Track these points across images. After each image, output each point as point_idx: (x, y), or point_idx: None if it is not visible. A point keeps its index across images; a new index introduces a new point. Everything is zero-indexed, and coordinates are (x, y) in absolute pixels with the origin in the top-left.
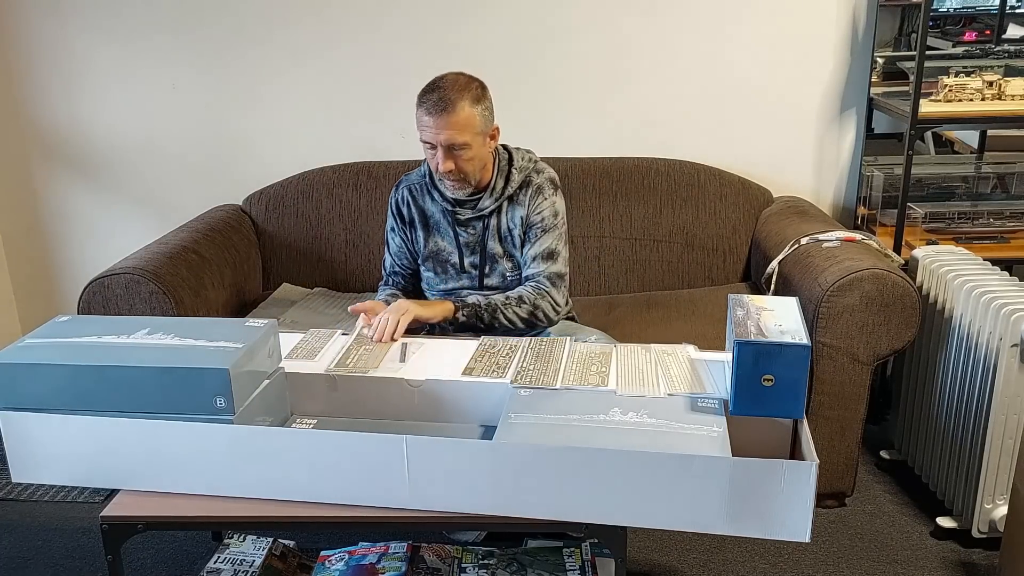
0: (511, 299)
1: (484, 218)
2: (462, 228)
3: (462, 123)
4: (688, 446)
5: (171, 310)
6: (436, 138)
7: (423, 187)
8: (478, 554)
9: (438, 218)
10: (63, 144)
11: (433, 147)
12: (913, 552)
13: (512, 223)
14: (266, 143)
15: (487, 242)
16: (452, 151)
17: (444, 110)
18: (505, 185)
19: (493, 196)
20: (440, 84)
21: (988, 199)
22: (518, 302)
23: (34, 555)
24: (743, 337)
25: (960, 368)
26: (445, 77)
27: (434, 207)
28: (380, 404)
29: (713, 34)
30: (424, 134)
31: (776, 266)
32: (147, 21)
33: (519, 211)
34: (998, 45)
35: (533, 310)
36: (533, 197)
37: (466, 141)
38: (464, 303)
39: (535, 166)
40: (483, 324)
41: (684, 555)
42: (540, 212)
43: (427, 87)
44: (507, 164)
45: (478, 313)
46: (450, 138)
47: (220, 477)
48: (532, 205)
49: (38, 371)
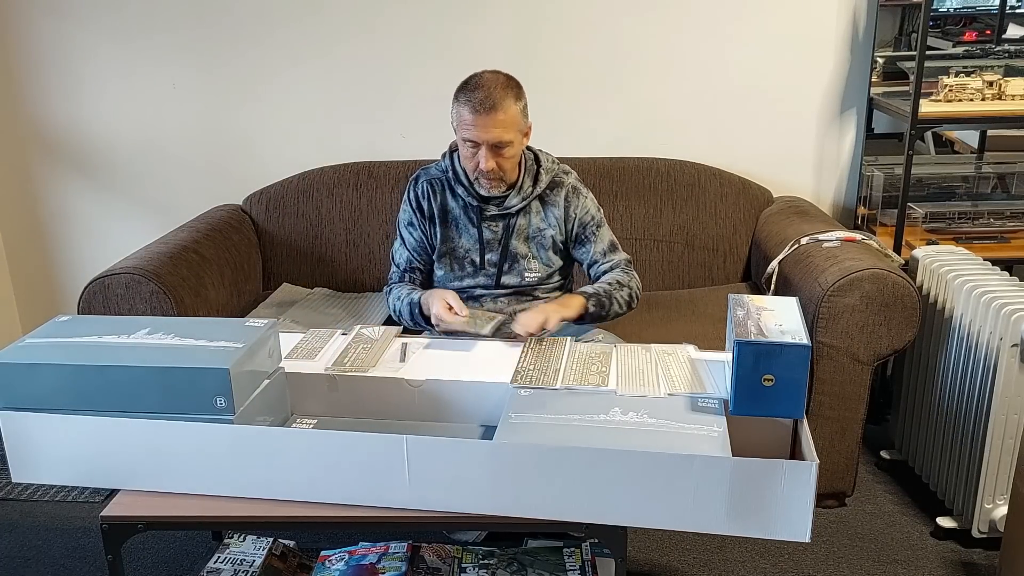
0: (614, 285)
1: (509, 217)
2: (486, 225)
3: (508, 122)
4: (688, 446)
5: (171, 310)
6: (482, 136)
7: (444, 182)
8: (478, 554)
9: (458, 214)
10: (63, 144)
11: (476, 145)
12: (913, 552)
13: (545, 223)
14: (266, 143)
15: (510, 241)
16: (496, 149)
17: (492, 108)
18: (534, 185)
19: (521, 195)
20: (483, 82)
21: (988, 199)
22: (619, 287)
23: (34, 555)
24: (743, 337)
25: (960, 368)
26: (484, 75)
27: (455, 203)
28: (380, 404)
29: (713, 34)
30: (467, 132)
31: (776, 266)
32: (147, 21)
33: (554, 212)
34: (998, 45)
35: (631, 292)
36: (571, 198)
37: (511, 139)
38: (587, 294)
39: (561, 167)
40: (604, 313)
41: (684, 555)
42: (587, 211)
43: (469, 85)
44: (535, 164)
45: (601, 302)
46: (497, 137)
47: (220, 477)
48: (575, 206)
49: (38, 371)
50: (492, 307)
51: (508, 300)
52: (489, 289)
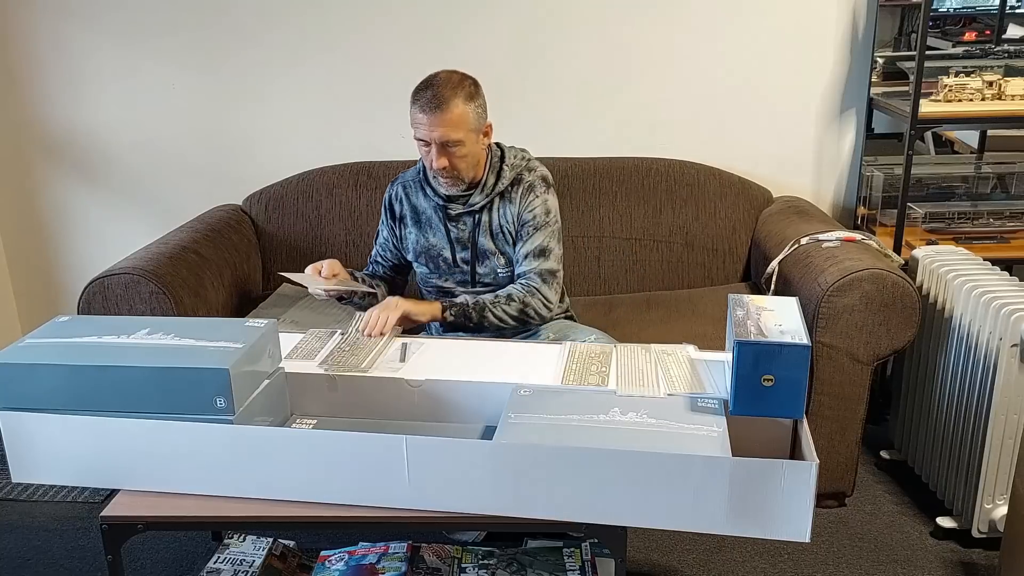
0: (500, 297)
1: (475, 214)
2: (453, 224)
3: (455, 120)
4: (688, 446)
5: (171, 310)
6: (430, 135)
7: (416, 184)
8: (478, 554)
9: (429, 214)
10: (63, 144)
11: (427, 144)
12: (913, 552)
13: (504, 220)
14: (266, 143)
15: (478, 238)
16: (446, 148)
17: (438, 107)
18: (496, 182)
19: (484, 192)
20: (433, 82)
21: (988, 199)
22: (507, 300)
23: (34, 555)
24: (743, 337)
25: (960, 368)
26: (438, 75)
27: (426, 203)
28: (380, 404)
29: (713, 34)
30: (418, 131)
31: (776, 266)
32: (147, 21)
33: (511, 208)
34: (998, 45)
35: (523, 307)
36: (524, 195)
37: (459, 138)
38: (452, 303)
39: (527, 164)
40: (472, 323)
41: (684, 555)
42: (532, 210)
43: (420, 85)
44: (499, 161)
45: (466, 312)
46: (444, 135)
47: (220, 477)
48: (524, 203)
49: (38, 371)
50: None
51: None
52: (466, 286)
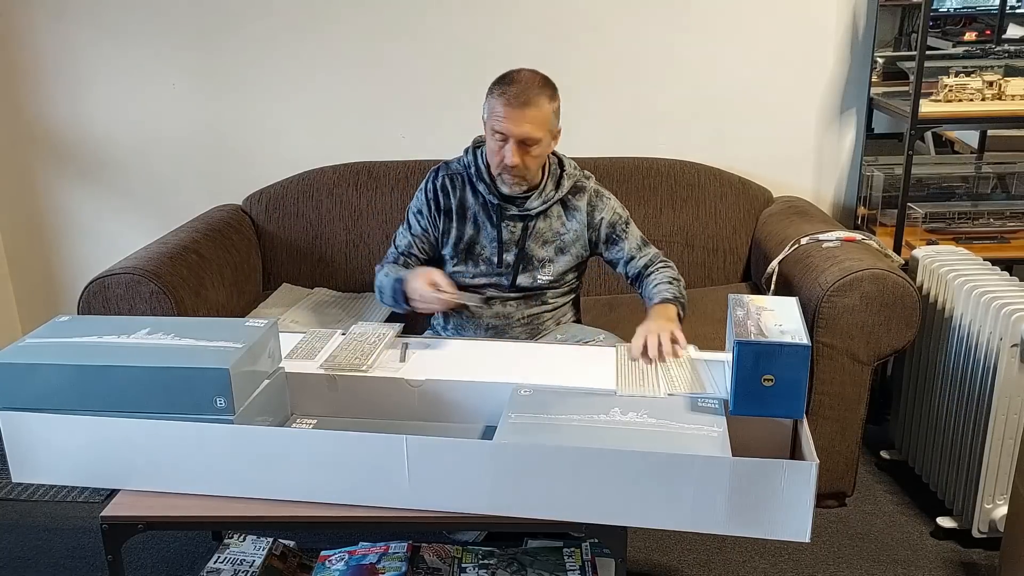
0: (673, 283)
1: (528, 218)
2: (504, 224)
3: (540, 119)
4: (688, 446)
5: (171, 310)
6: (512, 130)
7: (465, 178)
8: (478, 554)
9: (476, 211)
10: (63, 144)
11: (504, 139)
12: (913, 552)
13: (564, 228)
14: (266, 143)
15: (526, 242)
16: (523, 146)
17: (526, 104)
18: (556, 189)
19: (542, 198)
20: (519, 78)
21: (988, 199)
22: (676, 283)
23: (34, 555)
24: (743, 337)
25: (960, 368)
26: (522, 72)
27: (474, 200)
28: (380, 404)
29: (713, 34)
30: (498, 124)
31: (776, 266)
32: (147, 21)
33: (577, 216)
34: (998, 45)
35: (682, 283)
36: (595, 201)
37: (539, 137)
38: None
39: (583, 172)
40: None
41: (684, 555)
42: (614, 211)
43: (505, 79)
44: (559, 168)
45: (681, 303)
46: (527, 132)
47: (220, 477)
48: (600, 209)
49: (38, 371)
50: (501, 309)
51: (517, 304)
52: (502, 290)
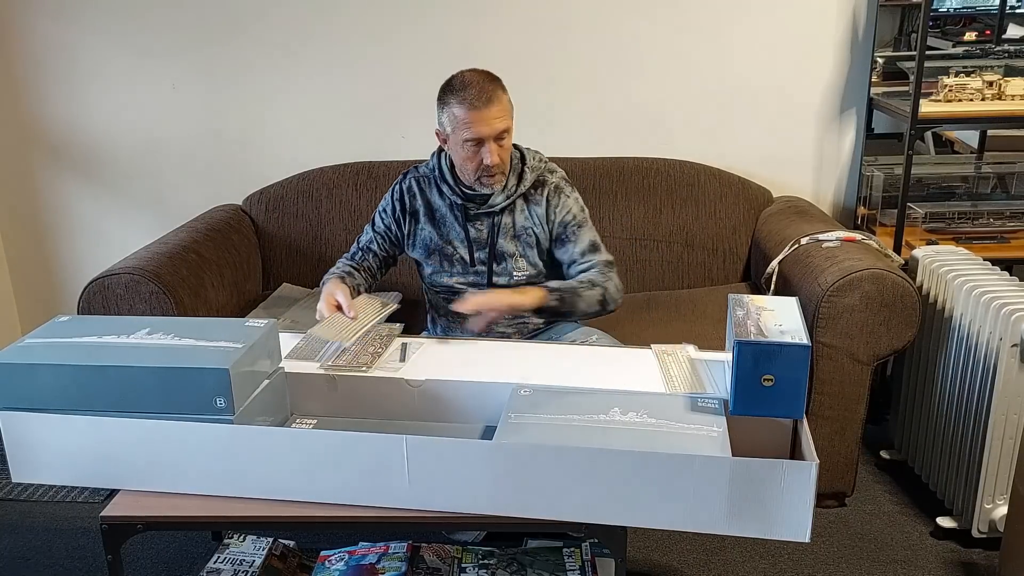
0: (584, 283)
1: (494, 215)
2: (471, 224)
3: (506, 109)
4: (688, 446)
5: (171, 310)
6: (485, 131)
7: (431, 180)
8: (478, 554)
9: (444, 212)
10: (63, 144)
11: (478, 143)
12: (913, 552)
13: (529, 221)
14: (266, 143)
15: (496, 239)
16: (499, 141)
17: (489, 101)
18: (518, 183)
19: (505, 193)
20: (470, 80)
21: (988, 199)
22: (590, 286)
23: (34, 555)
24: (743, 337)
25: (960, 368)
26: (465, 74)
27: (441, 201)
28: (380, 404)
29: (713, 34)
30: (467, 131)
31: (776, 266)
32: (147, 21)
33: (537, 210)
34: (998, 45)
35: (604, 292)
36: (553, 197)
37: (510, 125)
38: (549, 288)
39: (547, 166)
40: (565, 309)
41: (684, 555)
42: (569, 211)
43: (455, 87)
44: (519, 162)
45: (563, 297)
46: (500, 126)
47: (220, 477)
48: (556, 206)
49: (38, 371)
50: None
51: None
52: (481, 287)
